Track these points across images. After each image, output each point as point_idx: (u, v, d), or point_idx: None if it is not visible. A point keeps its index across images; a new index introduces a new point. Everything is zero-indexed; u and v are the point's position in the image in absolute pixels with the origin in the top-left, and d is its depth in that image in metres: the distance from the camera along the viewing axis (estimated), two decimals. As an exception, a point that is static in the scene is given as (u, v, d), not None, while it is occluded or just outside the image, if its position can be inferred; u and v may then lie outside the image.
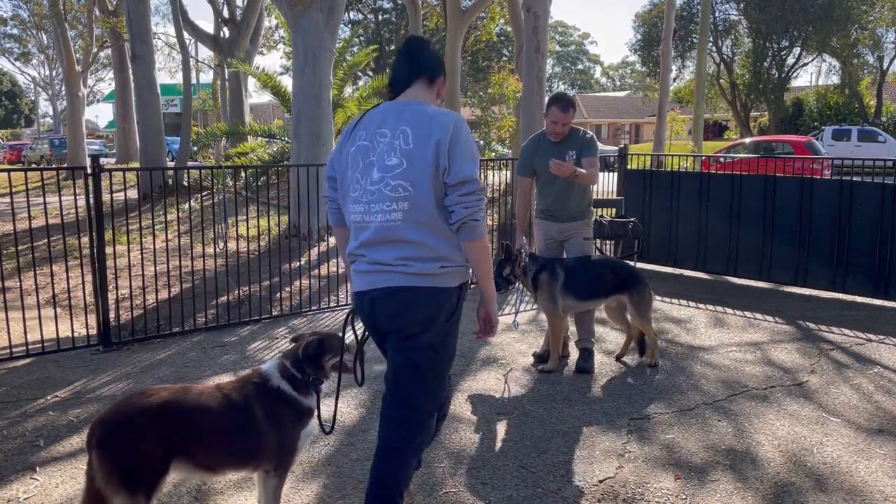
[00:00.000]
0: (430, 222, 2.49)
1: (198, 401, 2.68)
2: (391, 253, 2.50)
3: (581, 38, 69.00)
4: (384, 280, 2.52)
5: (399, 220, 2.48)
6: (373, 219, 2.51)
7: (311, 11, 9.01)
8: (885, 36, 34.22)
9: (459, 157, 2.46)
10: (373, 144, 2.54)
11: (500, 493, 3.33)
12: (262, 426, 2.69)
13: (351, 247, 2.62)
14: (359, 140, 2.59)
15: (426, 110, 2.55)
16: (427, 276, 2.50)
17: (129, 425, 2.54)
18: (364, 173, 2.54)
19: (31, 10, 35.11)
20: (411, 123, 2.51)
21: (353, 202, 2.57)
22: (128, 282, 6.52)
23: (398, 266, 2.49)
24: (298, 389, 2.77)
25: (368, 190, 2.51)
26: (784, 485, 3.42)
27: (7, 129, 54.52)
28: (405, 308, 2.52)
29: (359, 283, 2.61)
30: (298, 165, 8.09)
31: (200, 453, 2.65)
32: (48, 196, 12.82)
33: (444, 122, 2.50)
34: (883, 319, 6.33)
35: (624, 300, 5.01)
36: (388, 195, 2.48)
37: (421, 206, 2.47)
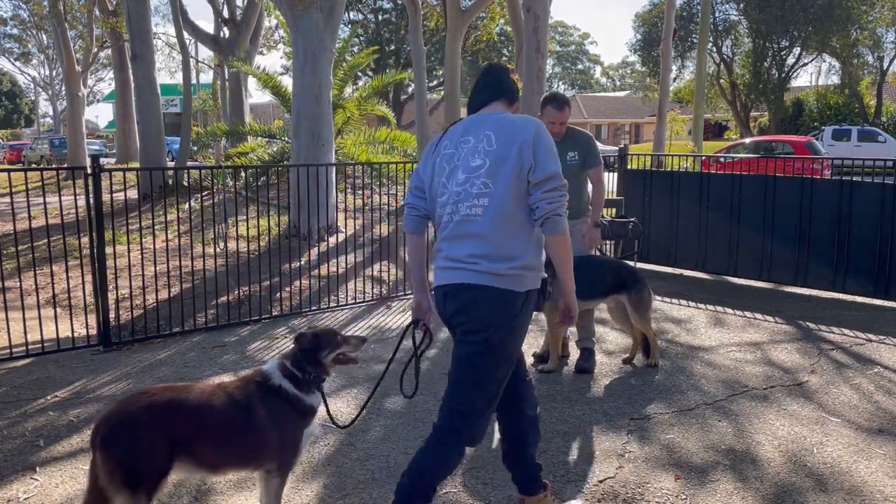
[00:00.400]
0: (507, 220, 2.60)
1: (200, 400, 2.70)
2: (464, 249, 2.63)
3: (581, 38, 69.00)
4: (456, 276, 2.65)
5: (479, 214, 2.62)
6: (456, 217, 2.67)
7: (311, 11, 9.01)
8: (885, 36, 34.24)
9: (543, 155, 2.59)
10: (457, 151, 2.73)
11: (500, 493, 3.33)
12: (264, 425, 2.70)
13: (437, 243, 2.79)
14: (444, 149, 2.78)
15: (508, 116, 2.74)
16: (494, 275, 2.59)
17: (133, 424, 2.56)
18: (450, 177, 2.72)
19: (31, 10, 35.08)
20: (494, 128, 2.68)
21: (441, 206, 2.75)
22: (128, 282, 6.52)
23: (469, 263, 2.61)
24: (300, 388, 2.79)
25: (454, 191, 2.68)
26: (784, 485, 3.42)
27: (7, 129, 54.51)
28: (468, 304, 2.63)
29: (436, 278, 2.79)
30: (298, 165, 8.09)
31: (203, 452, 2.66)
32: (48, 196, 12.81)
33: (526, 125, 2.66)
34: (883, 319, 6.33)
35: (623, 300, 5.00)
36: (472, 193, 2.63)
37: (499, 203, 2.59)
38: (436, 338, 2.99)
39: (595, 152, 5.00)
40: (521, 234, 2.63)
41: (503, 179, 2.59)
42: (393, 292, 7.38)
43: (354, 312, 6.68)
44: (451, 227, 2.67)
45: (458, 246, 2.65)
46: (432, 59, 31.01)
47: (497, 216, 2.59)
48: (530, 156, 2.58)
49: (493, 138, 2.65)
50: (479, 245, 2.60)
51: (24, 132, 56.93)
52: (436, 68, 32.74)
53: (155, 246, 7.09)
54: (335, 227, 9.32)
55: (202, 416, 2.66)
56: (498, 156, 2.61)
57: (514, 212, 2.60)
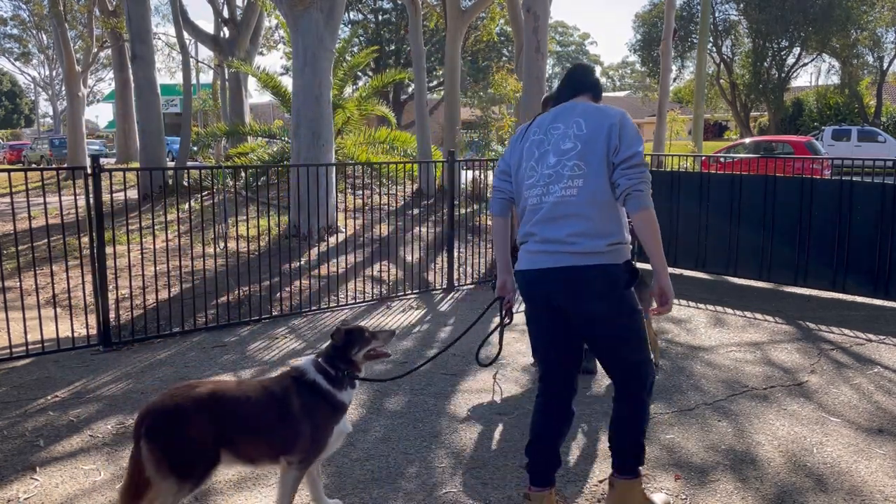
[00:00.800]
0: (601, 199, 2.73)
1: (241, 393, 2.81)
2: (564, 229, 2.73)
3: (581, 38, 68.96)
4: (560, 260, 2.74)
5: (574, 195, 2.74)
6: (549, 199, 2.78)
7: (311, 11, 9.01)
8: (885, 36, 34.24)
9: (628, 138, 2.73)
10: (546, 136, 2.88)
11: (500, 493, 3.33)
12: (299, 418, 2.78)
13: (524, 229, 2.88)
14: (532, 136, 2.93)
15: (596, 105, 2.91)
16: (594, 254, 2.71)
17: (178, 415, 2.63)
18: (540, 161, 2.85)
19: (31, 10, 35.10)
20: (584, 115, 2.84)
21: (529, 188, 2.87)
22: (128, 282, 6.52)
23: (569, 244, 2.71)
24: (333, 384, 2.87)
25: (545, 174, 2.81)
26: (784, 485, 3.42)
27: (7, 129, 54.51)
28: (578, 288, 2.74)
29: (527, 262, 2.86)
30: (298, 165, 8.09)
31: (243, 444, 2.74)
32: (48, 196, 12.81)
33: (613, 112, 2.82)
34: (883, 319, 6.33)
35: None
36: (565, 175, 2.76)
37: (594, 182, 2.72)
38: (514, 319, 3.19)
39: None
40: (614, 213, 2.77)
41: (595, 161, 2.73)
42: (393, 292, 7.38)
43: (354, 312, 6.68)
44: (544, 209, 2.78)
45: (556, 227, 2.75)
46: (432, 59, 31.00)
47: (591, 196, 2.72)
48: (616, 138, 2.72)
49: (583, 123, 2.80)
50: (577, 224, 2.71)
51: (24, 132, 56.93)
52: (436, 68, 32.71)
53: (155, 246, 7.09)
54: (335, 227, 9.32)
55: (244, 408, 2.74)
56: (588, 139, 2.75)
57: (605, 191, 2.73)
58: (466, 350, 5.47)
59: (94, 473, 3.54)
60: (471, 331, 6.08)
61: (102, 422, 4.15)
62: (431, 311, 6.76)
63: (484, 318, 6.62)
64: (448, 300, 7.15)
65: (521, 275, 2.92)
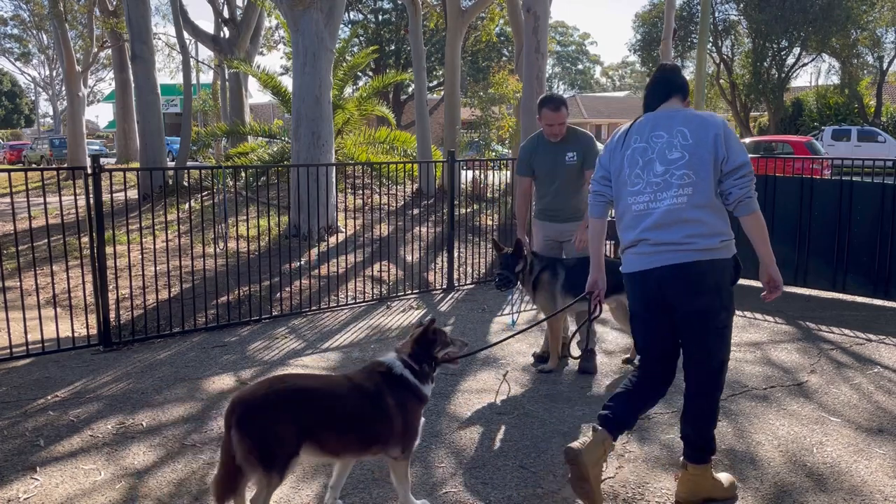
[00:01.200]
0: (709, 203, 2.95)
1: (331, 388, 2.95)
2: (679, 232, 2.94)
3: (581, 38, 68.93)
4: (674, 258, 2.95)
5: (684, 203, 2.94)
6: (658, 205, 2.97)
7: (311, 11, 9.01)
8: (885, 36, 34.19)
9: (734, 147, 2.92)
10: (649, 145, 3.03)
11: (500, 493, 3.33)
12: (391, 412, 2.89)
13: (631, 235, 3.07)
14: (633, 143, 3.08)
15: (695, 113, 3.06)
16: (710, 250, 2.95)
17: (270, 407, 2.74)
18: (645, 169, 3.01)
19: (31, 10, 35.11)
20: (686, 124, 2.99)
21: (634, 195, 3.04)
22: (128, 282, 6.53)
23: (686, 244, 2.93)
24: (418, 378, 3.00)
25: (653, 182, 2.99)
26: (784, 485, 3.42)
27: (7, 129, 54.50)
28: (696, 280, 2.96)
29: (641, 263, 3.05)
30: (299, 165, 8.09)
31: (328, 438, 2.84)
32: (48, 196, 12.81)
33: (715, 121, 3.00)
34: (883, 319, 6.33)
35: (623, 300, 4.99)
36: (674, 183, 2.95)
37: (702, 190, 2.93)
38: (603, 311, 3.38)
39: (595, 153, 5.00)
40: (721, 213, 2.99)
41: (702, 170, 2.92)
42: (393, 292, 7.38)
43: (354, 312, 6.68)
44: (654, 216, 2.98)
45: (670, 232, 2.95)
46: (432, 59, 30.99)
47: (699, 202, 2.93)
48: (723, 148, 2.91)
49: (687, 133, 2.96)
50: (690, 227, 2.93)
51: (24, 132, 56.92)
52: (436, 68, 32.71)
53: (155, 246, 7.09)
54: (335, 227, 9.32)
55: (332, 403, 2.86)
56: (695, 149, 2.94)
57: (712, 196, 2.95)
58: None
59: (94, 473, 3.55)
60: (470, 331, 6.10)
61: (102, 422, 4.15)
62: (431, 311, 6.76)
63: (482, 319, 6.64)
64: (448, 300, 7.15)
65: (634, 276, 3.11)
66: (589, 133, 5.20)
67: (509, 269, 4.86)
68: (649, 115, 3.13)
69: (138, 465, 3.64)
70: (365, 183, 13.04)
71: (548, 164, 5.02)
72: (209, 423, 4.14)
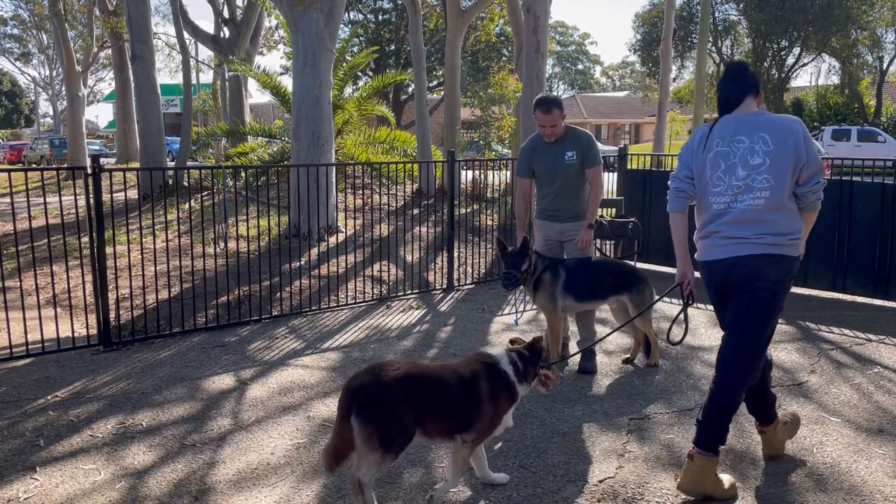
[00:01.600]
0: (783, 206, 3.19)
1: (437, 375, 3.13)
2: (751, 230, 3.19)
3: (581, 38, 68.89)
4: (743, 250, 3.21)
5: (761, 205, 3.18)
6: (738, 205, 3.21)
7: (311, 11, 9.01)
8: (885, 36, 34.17)
9: (813, 153, 3.15)
10: (731, 149, 3.23)
11: (500, 493, 3.33)
12: (485, 400, 3.09)
13: (707, 227, 3.33)
14: (715, 147, 3.28)
15: (774, 118, 3.25)
16: (776, 245, 3.19)
17: (390, 394, 2.91)
18: (727, 172, 3.24)
19: (31, 10, 35.11)
20: (767, 130, 3.19)
21: (715, 195, 3.28)
22: (128, 282, 6.53)
23: (755, 239, 3.18)
24: (518, 377, 3.21)
25: (735, 185, 3.22)
26: (784, 485, 3.42)
27: (7, 129, 54.50)
28: (759, 269, 3.20)
29: (714, 253, 3.31)
30: (299, 165, 8.09)
31: (431, 422, 3.02)
32: (48, 196, 12.81)
33: (794, 127, 3.19)
34: (883, 319, 6.33)
35: (624, 301, 5.00)
36: (755, 187, 3.18)
37: (779, 193, 3.16)
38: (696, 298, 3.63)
39: (594, 152, 5.00)
40: (794, 214, 3.24)
41: (781, 174, 3.15)
42: (393, 292, 7.38)
43: (354, 312, 6.68)
44: (732, 214, 3.22)
45: (743, 228, 3.21)
46: (432, 59, 30.98)
47: (777, 204, 3.17)
48: (804, 154, 3.14)
49: (769, 139, 3.17)
50: (764, 227, 3.18)
51: (24, 132, 56.92)
52: (436, 68, 32.71)
53: (155, 246, 7.09)
54: (335, 227, 9.32)
55: (438, 390, 3.05)
56: (776, 155, 3.15)
57: (787, 198, 3.19)
58: (466, 350, 5.47)
59: (94, 473, 3.55)
60: (470, 331, 6.10)
61: (102, 422, 4.15)
62: (431, 311, 6.76)
63: (482, 319, 6.64)
64: (448, 300, 7.15)
65: (707, 263, 3.38)
66: (588, 132, 5.20)
67: (516, 267, 4.86)
68: (729, 118, 3.30)
69: (138, 465, 3.64)
70: (365, 183, 13.04)
71: (547, 164, 5.02)
72: (209, 423, 4.15)
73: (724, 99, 3.34)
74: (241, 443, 3.89)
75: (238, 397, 4.54)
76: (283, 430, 4.04)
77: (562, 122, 4.92)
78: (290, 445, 3.85)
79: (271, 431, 4.02)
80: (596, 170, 5.01)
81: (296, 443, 3.88)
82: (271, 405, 4.40)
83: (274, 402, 4.46)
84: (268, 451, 3.78)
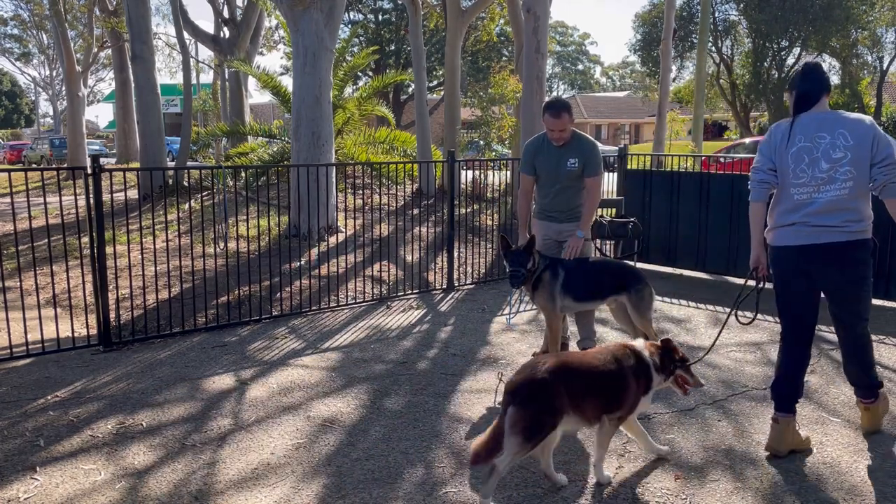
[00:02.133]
0: (863, 194, 3.60)
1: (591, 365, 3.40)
2: (837, 218, 3.58)
3: (581, 38, 68.90)
4: (831, 237, 3.60)
5: (845, 195, 3.56)
6: (822, 196, 3.58)
7: (311, 11, 9.01)
8: (885, 36, 34.17)
9: (884, 143, 3.52)
10: (814, 145, 3.61)
11: (500, 493, 3.33)
12: (632, 387, 3.40)
13: (792, 217, 3.66)
14: (798, 143, 3.64)
15: (850, 116, 3.64)
16: (858, 232, 3.63)
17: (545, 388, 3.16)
18: (811, 165, 3.60)
19: (31, 10, 35.11)
20: (846, 126, 3.59)
21: (797, 186, 3.63)
22: (128, 282, 6.53)
23: (841, 227, 3.58)
24: (656, 368, 3.50)
25: (818, 177, 3.59)
26: (784, 485, 3.42)
27: (7, 129, 54.51)
28: (846, 254, 3.63)
29: (798, 239, 3.65)
30: (298, 165, 8.09)
31: (587, 407, 3.30)
32: (48, 196, 12.82)
33: (869, 123, 3.59)
34: (883, 319, 6.33)
35: (623, 301, 4.99)
36: (838, 178, 3.56)
37: (860, 184, 3.56)
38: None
39: (596, 161, 5.00)
40: (868, 200, 3.65)
41: (861, 166, 3.54)
42: (393, 292, 7.38)
43: (354, 312, 6.68)
44: (816, 205, 3.59)
45: (829, 217, 3.58)
46: (432, 59, 30.98)
47: (858, 194, 3.58)
48: (876, 145, 3.53)
49: (848, 135, 3.55)
50: (848, 214, 3.59)
51: (24, 132, 56.93)
52: (436, 68, 32.71)
53: (155, 246, 7.09)
54: (335, 227, 9.33)
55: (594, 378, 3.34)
56: (856, 149, 3.53)
57: (866, 187, 3.59)
58: (466, 350, 5.47)
59: (94, 473, 3.55)
60: (470, 331, 6.10)
61: (102, 422, 4.15)
62: (431, 311, 6.76)
63: (482, 319, 6.63)
64: (448, 300, 7.15)
65: (788, 248, 3.69)
66: (592, 140, 5.19)
67: (523, 265, 4.86)
68: (808, 116, 3.68)
69: (138, 465, 3.64)
70: (365, 183, 13.04)
71: (550, 166, 5.02)
72: (209, 423, 4.15)
73: (805, 96, 3.72)
74: (241, 443, 3.89)
75: (238, 397, 4.54)
76: (283, 430, 4.04)
77: (570, 127, 4.93)
78: (290, 445, 3.85)
79: (271, 431, 4.03)
80: (595, 179, 5.01)
81: (296, 443, 3.88)
82: (271, 405, 4.41)
83: (274, 402, 4.46)
84: (268, 451, 3.78)
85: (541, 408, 3.13)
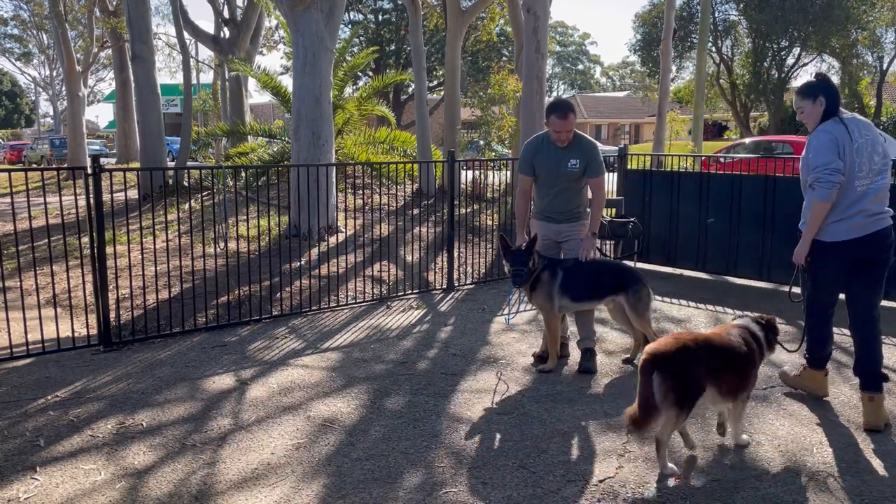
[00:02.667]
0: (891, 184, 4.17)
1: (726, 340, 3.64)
2: (883, 205, 4.09)
3: (581, 38, 68.89)
4: (879, 225, 4.06)
5: (891, 184, 4.18)
6: (873, 186, 4.05)
7: (311, 11, 9.01)
8: (885, 36, 34.18)
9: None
10: (865, 141, 4.07)
11: (500, 493, 3.33)
12: (756, 362, 3.71)
13: (852, 210, 4.01)
14: (857, 140, 4.05)
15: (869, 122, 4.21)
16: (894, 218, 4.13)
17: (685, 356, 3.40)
18: (868, 159, 4.05)
19: (31, 10, 35.13)
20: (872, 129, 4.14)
21: (859, 178, 4.02)
22: (128, 282, 6.53)
23: (885, 213, 4.08)
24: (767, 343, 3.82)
25: (873, 169, 4.06)
26: (784, 485, 3.42)
27: (7, 129, 54.51)
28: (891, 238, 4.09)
29: (856, 232, 4.03)
30: (298, 165, 8.09)
31: (727, 381, 3.54)
32: (48, 196, 12.82)
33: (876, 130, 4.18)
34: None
35: (621, 301, 4.99)
36: (884, 170, 4.10)
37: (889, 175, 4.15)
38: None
39: (597, 161, 5.00)
40: None
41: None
42: (393, 292, 7.38)
43: (354, 312, 6.68)
44: (872, 193, 4.03)
45: (880, 204, 4.07)
46: (432, 59, 30.99)
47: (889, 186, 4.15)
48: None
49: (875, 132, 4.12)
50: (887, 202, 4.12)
51: (24, 132, 56.93)
52: (436, 68, 32.71)
53: (155, 246, 7.09)
54: (335, 227, 9.33)
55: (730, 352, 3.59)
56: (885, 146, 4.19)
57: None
58: (466, 350, 5.47)
59: (94, 473, 3.55)
60: (470, 331, 6.11)
61: (102, 422, 4.15)
62: (431, 311, 6.76)
63: (482, 319, 6.63)
64: (448, 300, 7.15)
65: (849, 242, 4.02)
66: (594, 141, 5.19)
67: (525, 265, 4.87)
68: (851, 117, 4.12)
69: (138, 465, 3.64)
70: (365, 183, 13.04)
71: (550, 167, 5.02)
72: (209, 423, 4.15)
73: (835, 101, 4.12)
74: (241, 443, 3.89)
75: (238, 397, 4.54)
76: (283, 430, 4.05)
77: (573, 127, 4.94)
78: (290, 445, 3.85)
79: (271, 431, 4.03)
80: (599, 179, 5.02)
81: (296, 443, 3.89)
82: (271, 405, 4.41)
83: (274, 402, 4.46)
84: (268, 451, 3.78)
85: (689, 377, 3.37)
